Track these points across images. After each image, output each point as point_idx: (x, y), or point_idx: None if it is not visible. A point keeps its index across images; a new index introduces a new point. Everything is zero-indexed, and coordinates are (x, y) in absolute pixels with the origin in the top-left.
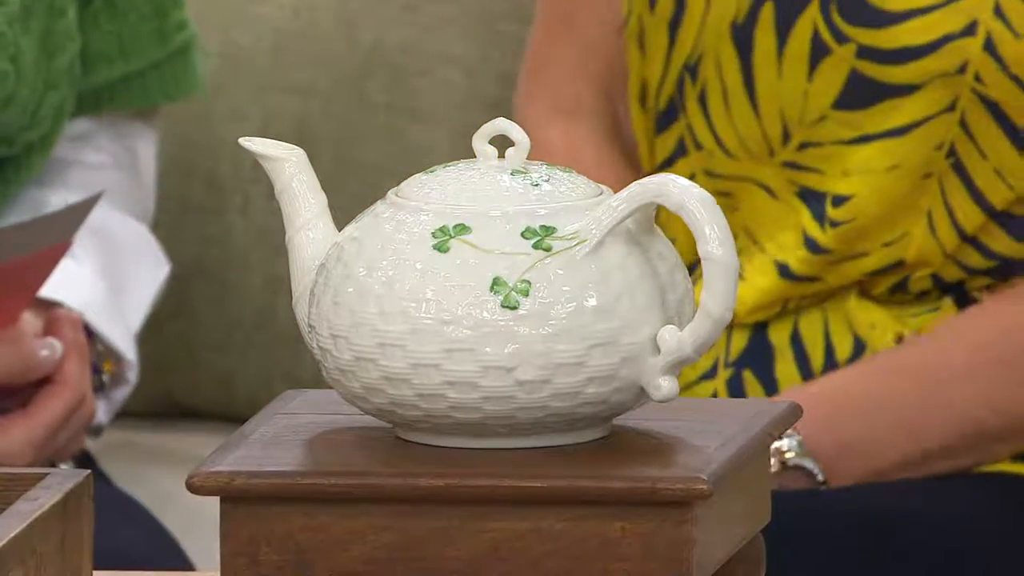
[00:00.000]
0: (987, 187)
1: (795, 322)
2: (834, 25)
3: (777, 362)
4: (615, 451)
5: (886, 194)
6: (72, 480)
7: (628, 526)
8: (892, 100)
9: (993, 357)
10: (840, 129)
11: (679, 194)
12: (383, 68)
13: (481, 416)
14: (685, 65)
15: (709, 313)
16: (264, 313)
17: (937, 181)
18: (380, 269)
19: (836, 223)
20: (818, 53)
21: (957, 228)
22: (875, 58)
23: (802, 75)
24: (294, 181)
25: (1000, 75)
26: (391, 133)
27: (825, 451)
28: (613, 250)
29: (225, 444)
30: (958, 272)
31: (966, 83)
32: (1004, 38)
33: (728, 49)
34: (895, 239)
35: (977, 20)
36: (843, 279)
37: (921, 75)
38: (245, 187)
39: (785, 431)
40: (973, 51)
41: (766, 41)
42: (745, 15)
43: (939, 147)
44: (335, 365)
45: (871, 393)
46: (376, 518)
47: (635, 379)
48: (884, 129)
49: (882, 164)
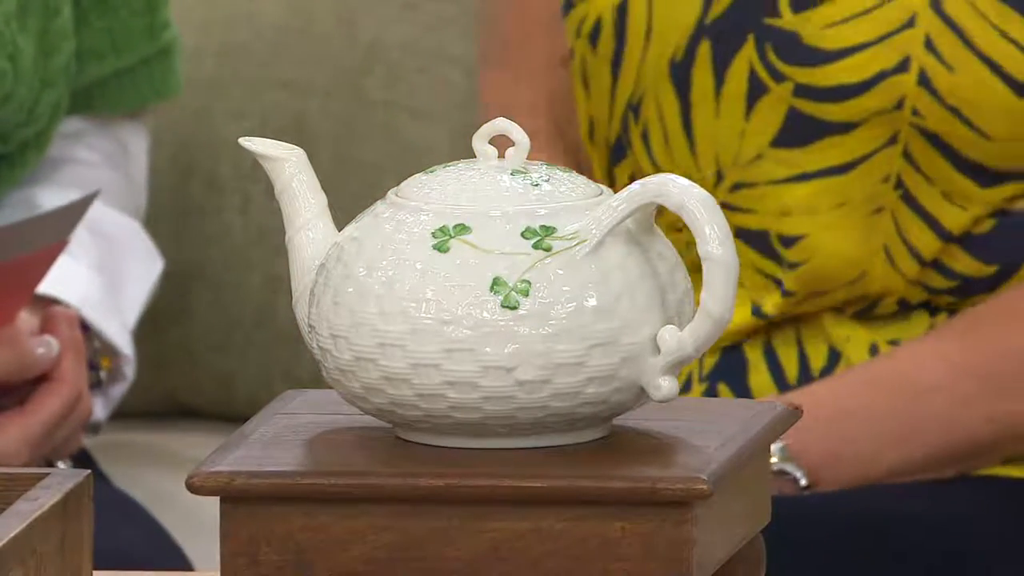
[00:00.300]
0: (939, 213)
1: (768, 337)
2: (770, 64)
3: (751, 374)
4: (615, 451)
5: (836, 233)
6: (72, 480)
7: (628, 526)
8: (832, 137)
9: (976, 375)
10: (776, 168)
11: (679, 194)
12: (382, 66)
13: (481, 416)
14: (628, 104)
15: (709, 313)
16: (264, 313)
17: (890, 215)
18: (380, 269)
19: (793, 264)
20: (755, 92)
21: (916, 257)
22: (813, 96)
23: (739, 114)
24: (294, 181)
25: (938, 108)
26: (390, 132)
27: (811, 457)
28: (613, 250)
29: (225, 444)
30: (923, 294)
31: (904, 118)
32: (937, 72)
33: (667, 88)
34: (856, 278)
35: (910, 56)
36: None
37: (860, 112)
38: (244, 186)
39: (785, 432)
40: (908, 87)
41: (703, 80)
42: (683, 54)
43: (885, 180)
44: (335, 365)
45: (855, 403)
46: (376, 518)
47: (635, 379)
48: (825, 167)
49: (826, 203)
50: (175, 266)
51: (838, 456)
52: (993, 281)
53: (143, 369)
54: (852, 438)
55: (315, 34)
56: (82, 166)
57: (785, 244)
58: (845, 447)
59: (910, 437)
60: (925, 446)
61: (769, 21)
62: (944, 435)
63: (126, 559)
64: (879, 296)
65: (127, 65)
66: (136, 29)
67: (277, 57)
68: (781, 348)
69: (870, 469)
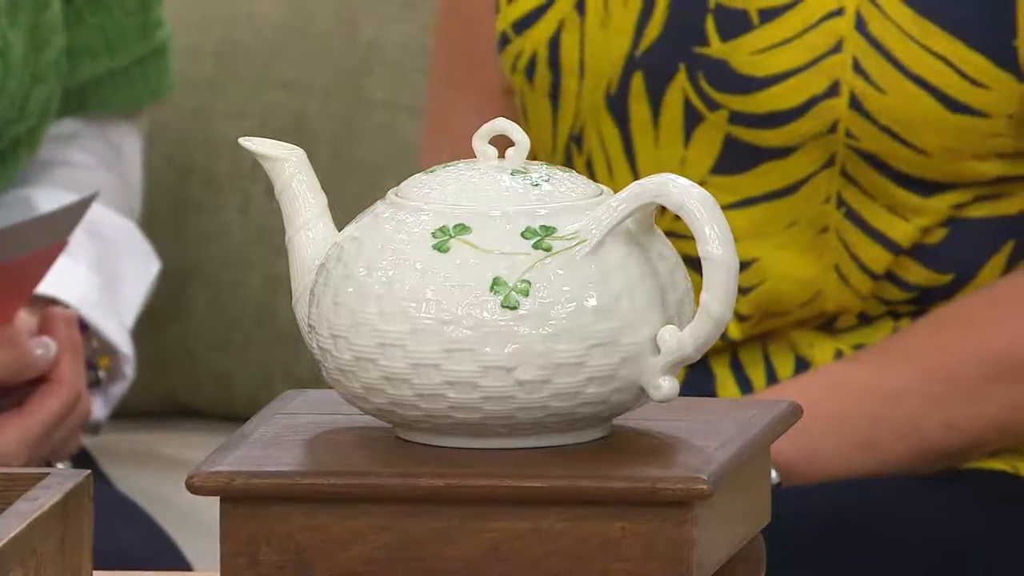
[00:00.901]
0: (885, 227)
1: (734, 351)
2: (703, 92)
3: (719, 388)
4: (615, 451)
5: (789, 252)
6: (72, 480)
7: (628, 526)
8: (770, 163)
9: (941, 377)
10: (719, 194)
11: (679, 194)
12: (382, 66)
13: (481, 416)
14: (570, 135)
15: (709, 313)
16: (263, 312)
17: (835, 235)
18: (380, 269)
19: (745, 289)
20: (692, 120)
21: (867, 272)
22: (748, 123)
23: (678, 143)
24: (294, 181)
25: (871, 128)
26: (390, 131)
27: (784, 455)
28: (613, 250)
29: (225, 444)
30: (880, 306)
31: (839, 140)
32: (867, 94)
33: (607, 119)
34: (810, 299)
35: (839, 80)
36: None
37: (795, 137)
38: (244, 185)
39: (785, 431)
40: (841, 110)
41: (640, 111)
42: (617, 86)
43: (827, 200)
44: (335, 365)
45: (822, 407)
46: (376, 518)
47: (635, 379)
48: (767, 191)
49: (778, 225)
50: (174, 266)
51: (810, 457)
52: (949, 290)
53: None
54: (823, 439)
55: (315, 34)
56: (77, 168)
57: None
58: (817, 448)
59: (878, 441)
60: (893, 450)
61: (699, 50)
62: (910, 439)
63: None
64: (836, 313)
65: (121, 64)
66: (130, 28)
67: (277, 57)
68: (748, 362)
69: (841, 471)
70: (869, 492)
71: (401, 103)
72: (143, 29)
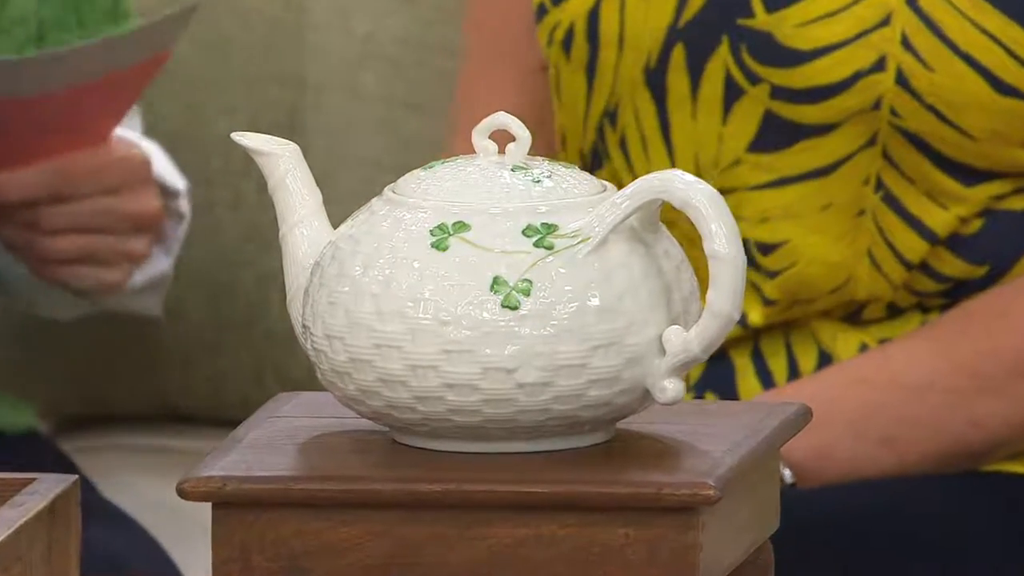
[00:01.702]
0: (923, 214)
1: (755, 342)
2: (745, 66)
3: (739, 380)
4: (619, 455)
5: (822, 236)
6: (59, 485)
7: (633, 533)
8: (810, 140)
9: (969, 372)
10: (754, 173)
11: (684, 190)
12: (378, 60)
13: (481, 419)
14: (604, 112)
15: (716, 312)
16: (256, 312)
17: (871, 218)
18: (377, 268)
19: (774, 273)
20: (732, 95)
21: (902, 260)
22: (789, 98)
23: (716, 118)
24: (288, 177)
25: (916, 107)
26: (386, 127)
27: (798, 455)
28: (616, 248)
29: (217, 448)
30: (911, 298)
31: (883, 118)
32: (915, 71)
33: (644, 94)
34: (840, 284)
35: (886, 55)
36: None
37: (837, 113)
38: (235, 182)
39: (795, 434)
40: (886, 86)
41: (679, 84)
42: (657, 58)
43: (866, 182)
44: (330, 367)
45: (843, 402)
46: (372, 524)
47: (639, 381)
48: (804, 170)
49: (812, 206)
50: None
51: (826, 455)
52: (983, 283)
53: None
54: (840, 437)
55: (309, 26)
56: None
57: (763, 251)
58: (833, 446)
59: (899, 439)
60: (914, 449)
61: (743, 22)
62: (932, 437)
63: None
64: (865, 302)
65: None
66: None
67: (270, 50)
68: (769, 353)
69: (858, 469)
70: (881, 496)
71: (399, 98)
72: (113, 13)
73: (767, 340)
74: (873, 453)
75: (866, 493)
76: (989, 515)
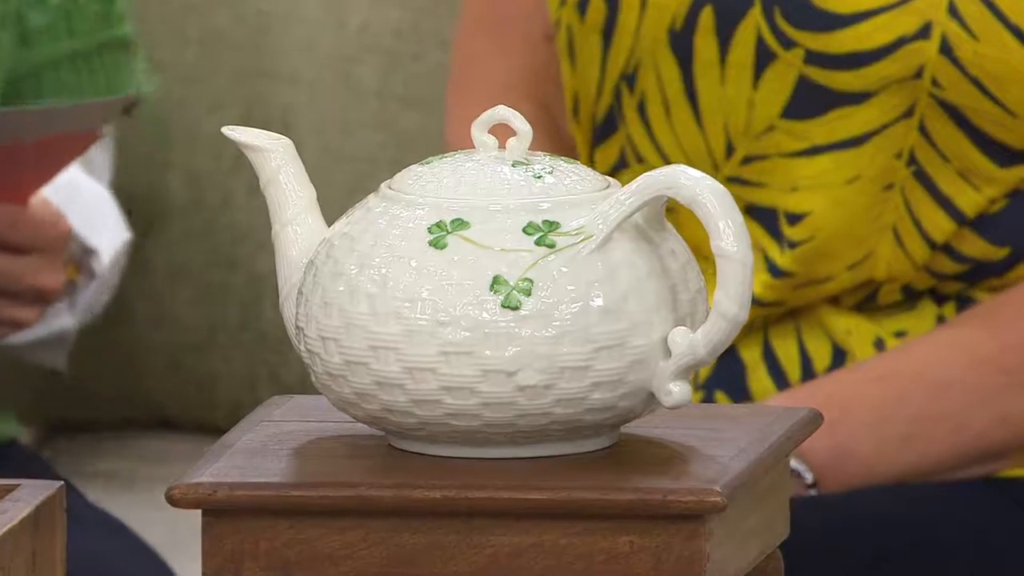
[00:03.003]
0: (954, 193)
1: (765, 336)
2: (779, 29)
3: (750, 379)
4: (623, 461)
5: (846, 209)
6: (43, 492)
7: (637, 541)
8: (844, 108)
9: (996, 367)
10: (787, 140)
11: (691, 186)
12: (374, 53)
13: (480, 423)
14: (622, 75)
15: (723, 313)
16: (248, 314)
17: (900, 193)
18: (372, 267)
19: (794, 244)
20: (763, 59)
21: (927, 239)
22: (825, 64)
23: (747, 83)
24: (281, 173)
25: (959, 79)
26: (382, 123)
27: (818, 454)
28: (621, 246)
29: (207, 454)
30: (929, 280)
31: (923, 88)
32: (960, 40)
33: (667, 57)
34: (860, 260)
35: (931, 21)
36: (808, 301)
37: (875, 81)
38: (226, 181)
39: (805, 439)
40: (929, 54)
41: (707, 48)
42: (683, 21)
43: (898, 155)
44: (324, 369)
45: (864, 400)
46: (368, 532)
47: (644, 384)
48: (837, 139)
49: (839, 177)
50: (153, 265)
51: (845, 454)
52: (1003, 264)
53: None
54: (860, 436)
55: (301, 18)
56: None
57: (791, 221)
58: (853, 445)
59: (921, 436)
60: (937, 447)
61: None
62: (956, 435)
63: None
64: (883, 282)
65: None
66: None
67: (261, 44)
68: (780, 348)
69: (879, 469)
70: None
71: (394, 93)
72: (105, 17)
73: (777, 335)
74: (893, 452)
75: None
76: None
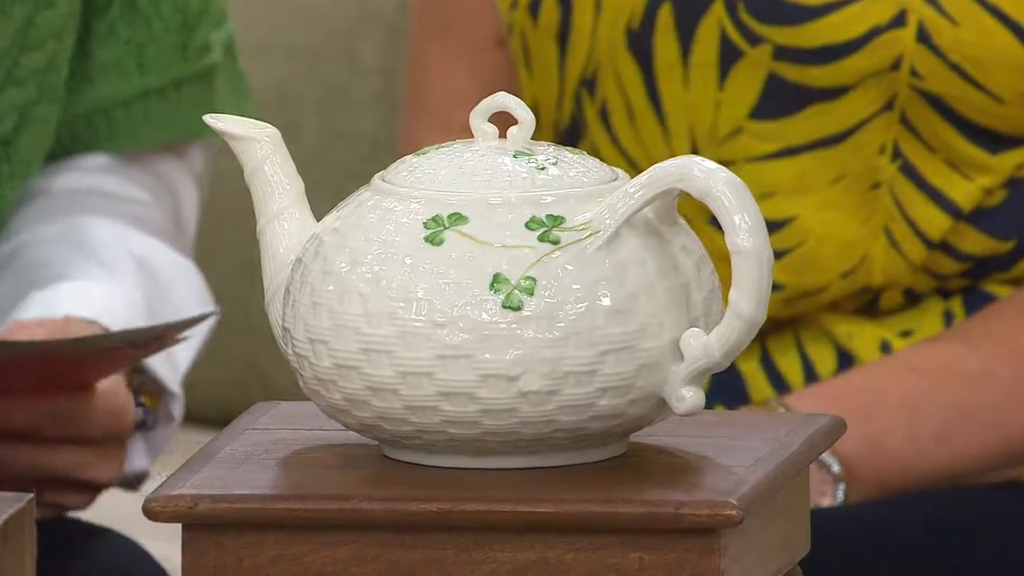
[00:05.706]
0: (945, 185)
1: (762, 345)
2: (744, 25)
3: (751, 390)
4: (632, 472)
5: (833, 212)
6: (11, 505)
7: (647, 557)
8: (819, 105)
9: None
10: (756, 143)
11: (704, 178)
12: (376, 27)
13: (479, 431)
14: (581, 80)
15: (740, 313)
16: (235, 311)
17: (888, 190)
18: (364, 264)
19: (779, 253)
20: (728, 58)
21: (923, 238)
22: (795, 59)
23: (712, 84)
24: (266, 164)
25: (939, 67)
26: (385, 101)
27: (849, 446)
28: (629, 242)
29: (187, 463)
30: (931, 281)
31: (902, 79)
32: (938, 26)
33: (626, 59)
34: (854, 266)
35: (906, 8)
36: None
37: (850, 75)
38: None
39: (827, 448)
40: (906, 43)
41: (667, 48)
42: (640, 20)
43: (881, 150)
44: (313, 374)
45: (895, 392)
46: (360, 548)
47: (655, 389)
48: (814, 138)
49: (821, 178)
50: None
51: (875, 447)
52: (1008, 259)
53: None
54: (891, 427)
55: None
56: (126, 203)
57: (771, 229)
58: (885, 436)
59: (956, 431)
60: (973, 441)
61: None
62: (995, 431)
63: None
64: (881, 288)
65: (154, 85)
66: (166, 45)
67: (256, 18)
68: (779, 356)
69: (911, 464)
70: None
71: (398, 69)
72: (182, 49)
73: (776, 343)
74: (925, 448)
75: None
76: None
